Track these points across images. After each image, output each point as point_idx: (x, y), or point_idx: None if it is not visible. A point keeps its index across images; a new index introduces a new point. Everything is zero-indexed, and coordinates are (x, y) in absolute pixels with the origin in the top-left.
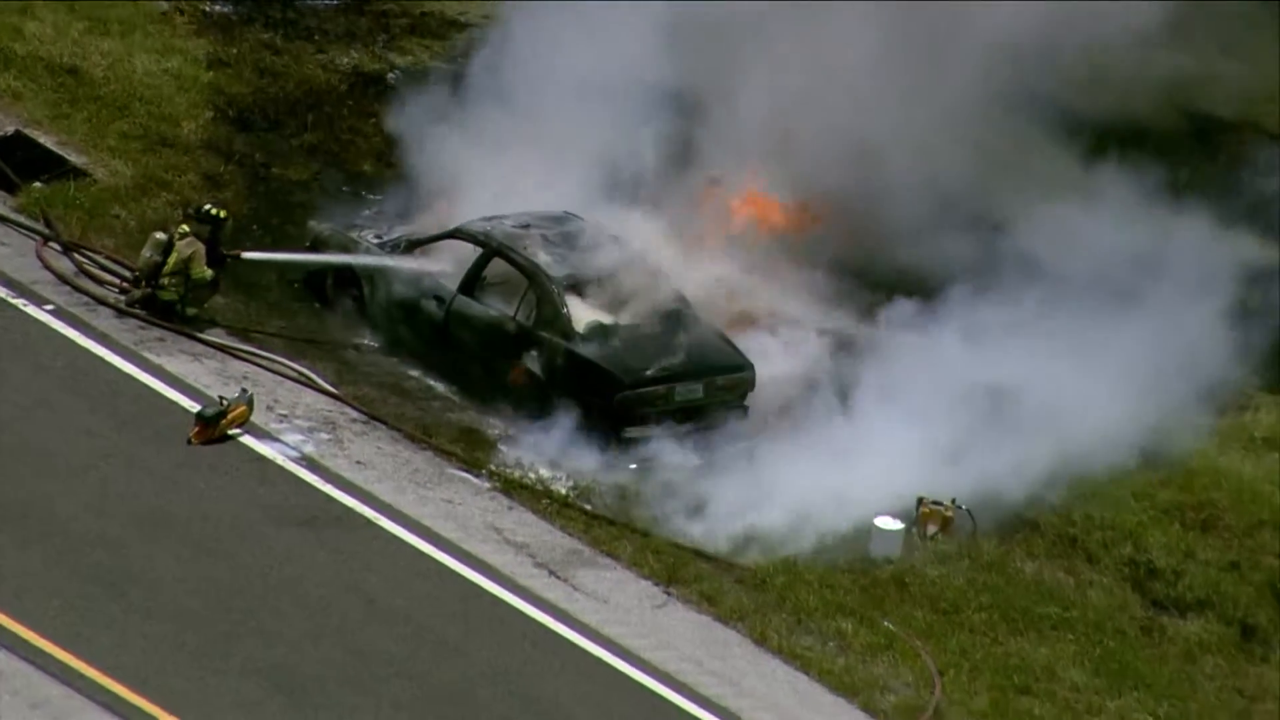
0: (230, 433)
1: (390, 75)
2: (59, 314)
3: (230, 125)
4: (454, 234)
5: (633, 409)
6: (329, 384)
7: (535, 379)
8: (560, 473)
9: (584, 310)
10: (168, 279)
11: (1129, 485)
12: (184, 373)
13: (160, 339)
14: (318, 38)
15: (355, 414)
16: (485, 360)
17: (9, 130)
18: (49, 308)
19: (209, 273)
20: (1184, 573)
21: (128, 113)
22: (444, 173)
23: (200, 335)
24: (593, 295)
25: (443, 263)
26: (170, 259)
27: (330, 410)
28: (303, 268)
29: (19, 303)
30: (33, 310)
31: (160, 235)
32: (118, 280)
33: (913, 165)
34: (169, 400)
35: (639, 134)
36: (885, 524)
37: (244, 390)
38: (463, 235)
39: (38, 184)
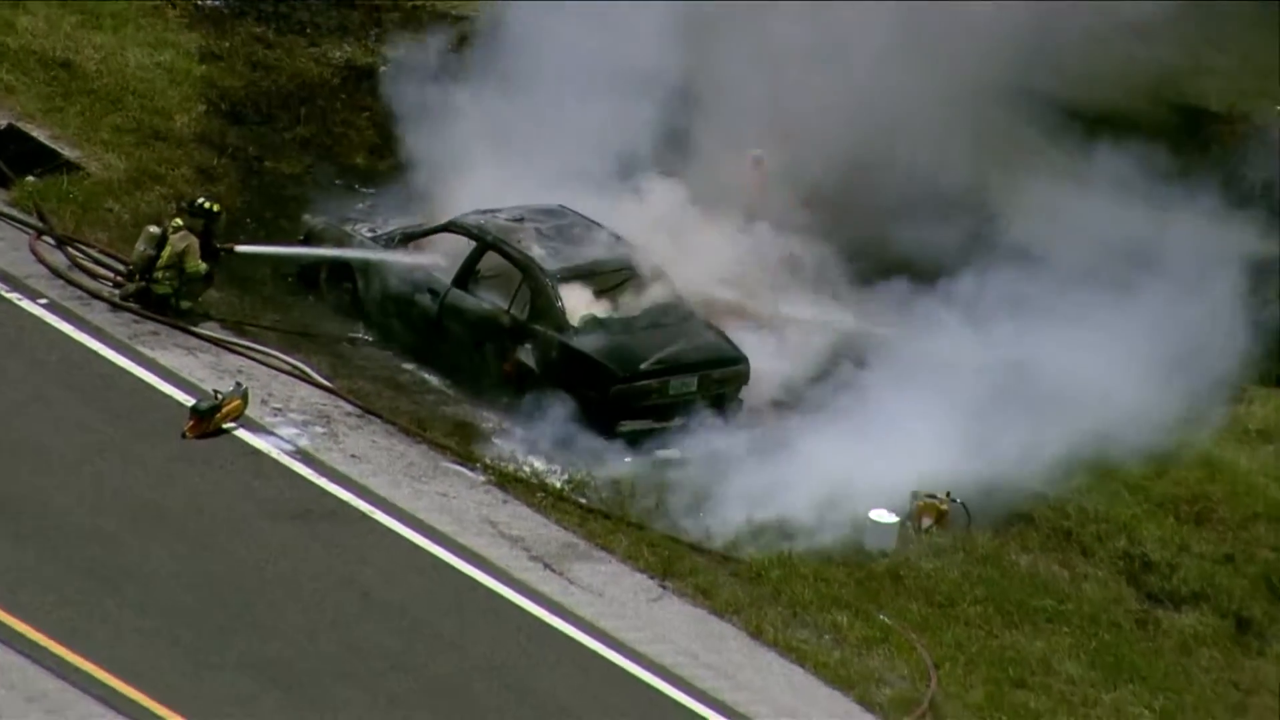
0: (225, 427)
1: (382, 69)
2: (53, 308)
3: (223, 119)
4: (448, 227)
5: (628, 402)
6: (323, 377)
7: (530, 372)
8: (555, 466)
9: (579, 303)
10: (161, 272)
11: (1123, 478)
12: (178, 366)
13: (154, 333)
14: (310, 31)
15: (350, 408)
16: (480, 354)
17: (2, 124)
18: (43, 302)
19: (203, 266)
20: (1179, 566)
21: (120, 106)
22: (439, 166)
23: (194, 329)
24: (587, 289)
25: (437, 256)
26: (164, 252)
27: (325, 404)
28: (297, 261)
29: (13, 297)
30: (27, 304)
31: (154, 229)
32: (111, 274)
33: (906, 153)
34: (163, 394)
35: (638, 120)
36: (880, 517)
37: (238, 384)
38: (457, 229)
39: (31, 178)
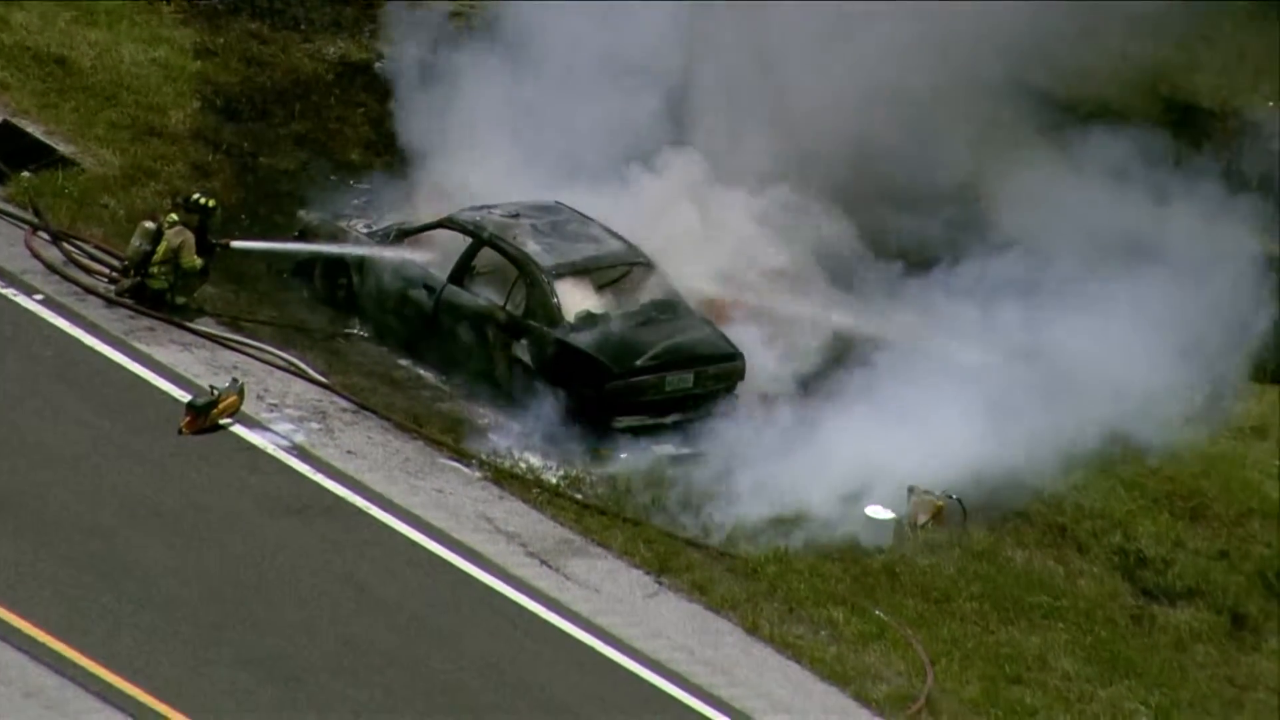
0: (221, 422)
1: (377, 64)
2: (48, 303)
3: (218, 114)
4: (444, 224)
5: (623, 398)
6: (319, 373)
7: (525, 368)
8: (551, 462)
9: (574, 299)
10: (157, 268)
11: (1118, 474)
12: (174, 362)
13: (150, 328)
14: (304, 27)
15: (345, 403)
16: (475, 350)
17: None
18: (38, 297)
19: (198, 262)
20: (1174, 561)
21: (115, 102)
22: (436, 160)
23: (190, 324)
24: (583, 284)
25: (432, 252)
26: (159, 248)
27: (320, 400)
28: (292, 257)
29: (9, 292)
30: (22, 300)
31: (149, 224)
32: (107, 270)
33: (902, 145)
34: (159, 390)
35: (643, 106)
36: (876, 513)
37: (235, 380)
38: (452, 225)
39: (26, 173)
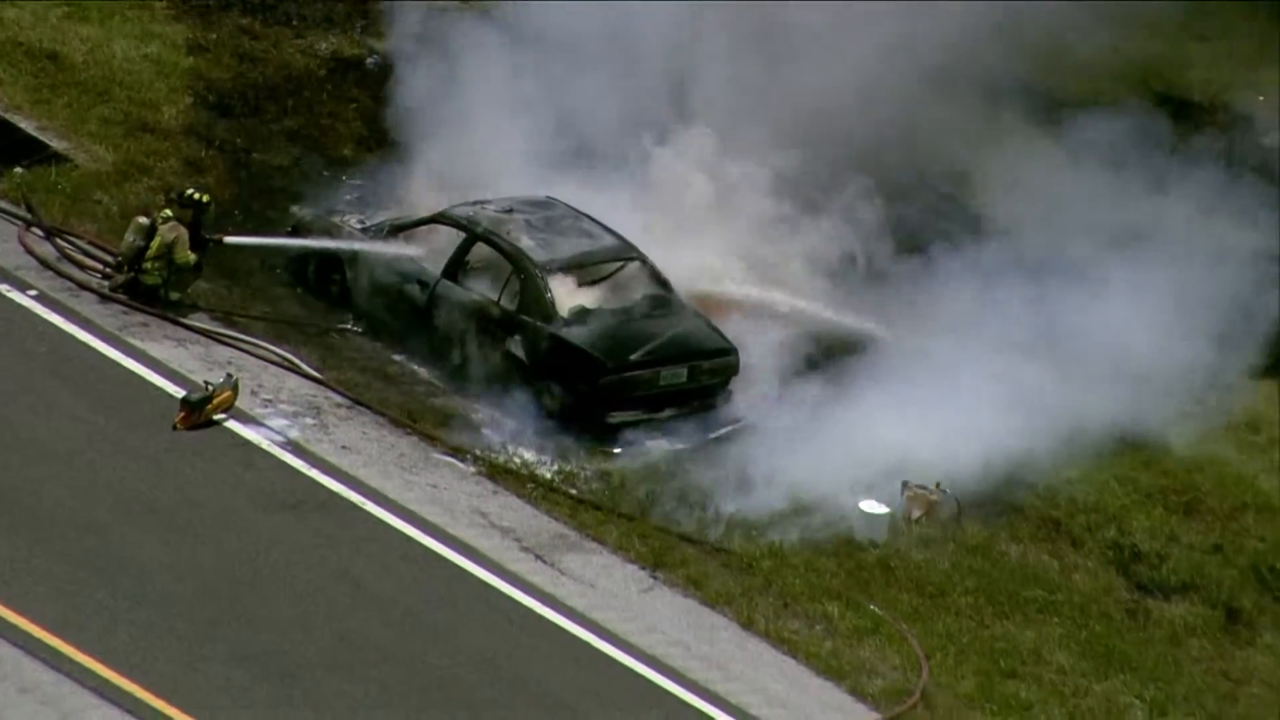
0: (215, 418)
1: (369, 60)
2: (42, 299)
3: (210, 110)
4: (437, 219)
5: (618, 393)
6: (313, 369)
7: (519, 363)
8: (545, 457)
9: (568, 295)
10: (151, 263)
11: (1111, 469)
12: (168, 358)
13: (144, 324)
14: (296, 23)
15: (339, 399)
16: (469, 345)
17: None
18: (32, 293)
19: (192, 257)
20: (1168, 556)
21: (108, 98)
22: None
23: (184, 320)
24: (577, 280)
25: (426, 248)
26: (153, 243)
27: (314, 395)
28: (285, 252)
29: (2, 288)
30: (16, 295)
31: (143, 220)
32: (100, 265)
33: (891, 137)
34: (153, 385)
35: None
36: (870, 508)
37: (229, 375)
38: (446, 220)
39: (19, 169)
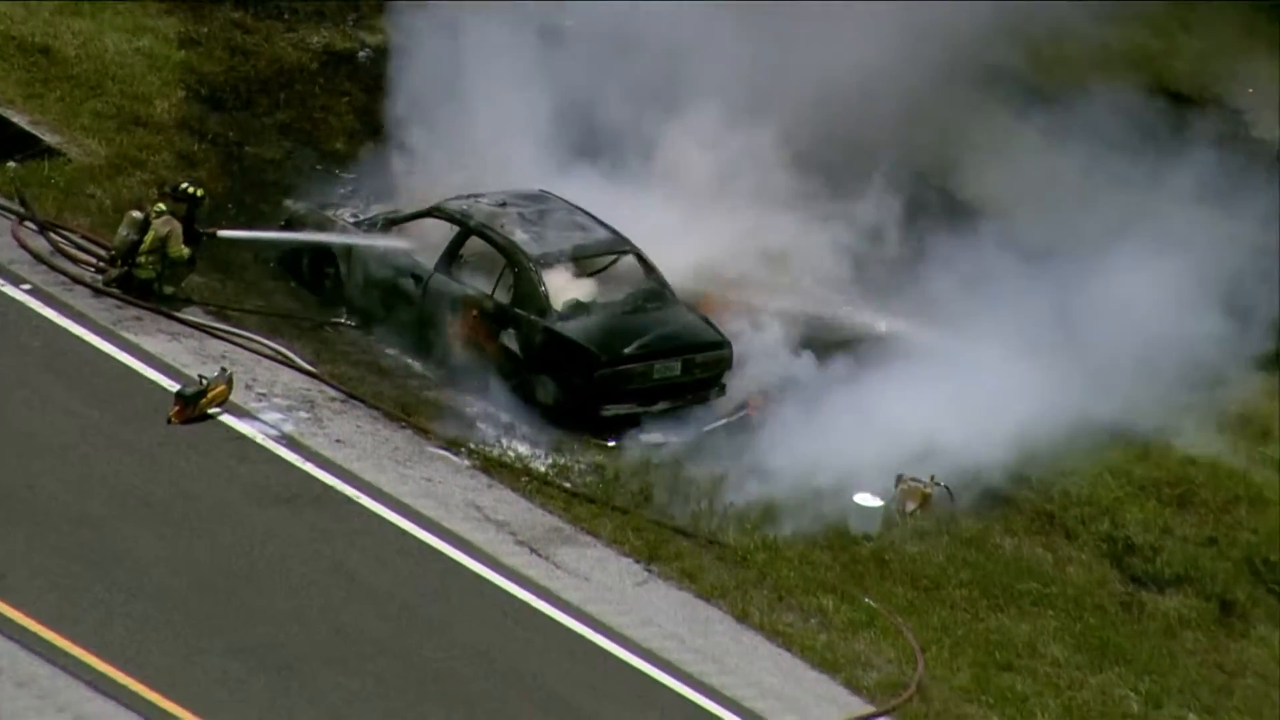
0: (210, 412)
1: (361, 53)
2: (36, 293)
3: (202, 104)
4: (431, 212)
5: (611, 386)
6: (307, 363)
7: (514, 357)
8: (539, 450)
9: (562, 288)
10: (144, 257)
11: (1105, 462)
12: (162, 352)
13: (138, 318)
14: (288, 16)
15: (334, 392)
16: (463, 338)
17: None
18: (26, 287)
19: (186, 251)
20: (1162, 548)
21: (100, 92)
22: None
23: (178, 314)
24: (571, 273)
25: (419, 241)
26: (147, 237)
27: (309, 389)
28: (279, 246)
29: None
30: (10, 290)
31: (136, 214)
32: (94, 259)
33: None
34: (148, 379)
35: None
36: (864, 501)
37: (223, 369)
38: (440, 214)
39: (12, 163)
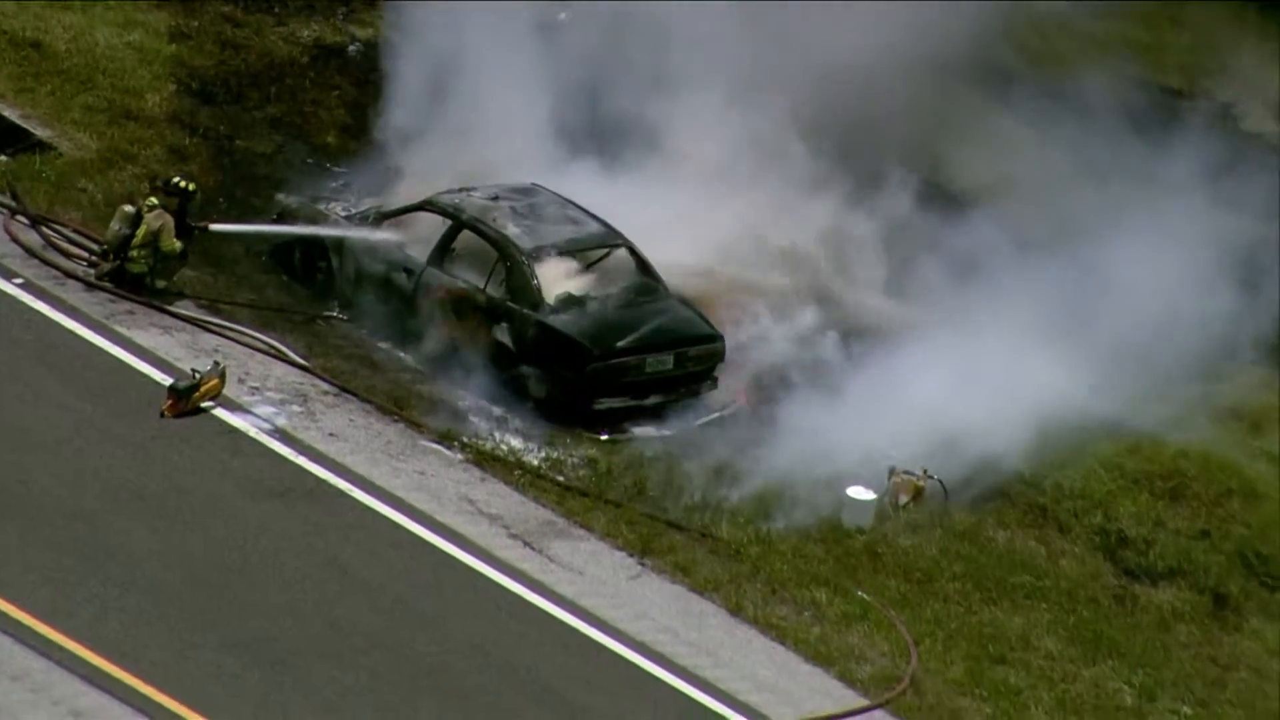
0: (203, 406)
1: (351, 47)
2: (28, 287)
3: (193, 98)
4: (423, 206)
5: (604, 380)
6: (299, 356)
7: (506, 351)
8: (532, 444)
9: (554, 282)
10: (136, 251)
11: (1097, 455)
12: (154, 345)
13: (130, 312)
14: (278, 10)
15: (326, 386)
16: (455, 332)
17: None
18: (18, 281)
19: (178, 245)
20: (1154, 541)
21: (91, 86)
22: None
23: (170, 308)
24: (563, 267)
25: (411, 235)
26: (139, 231)
27: (301, 382)
28: (271, 240)
29: None
30: (2, 284)
31: (128, 208)
32: (86, 253)
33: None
34: (140, 373)
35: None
36: (857, 494)
37: (216, 363)
38: (432, 208)
39: (3, 158)
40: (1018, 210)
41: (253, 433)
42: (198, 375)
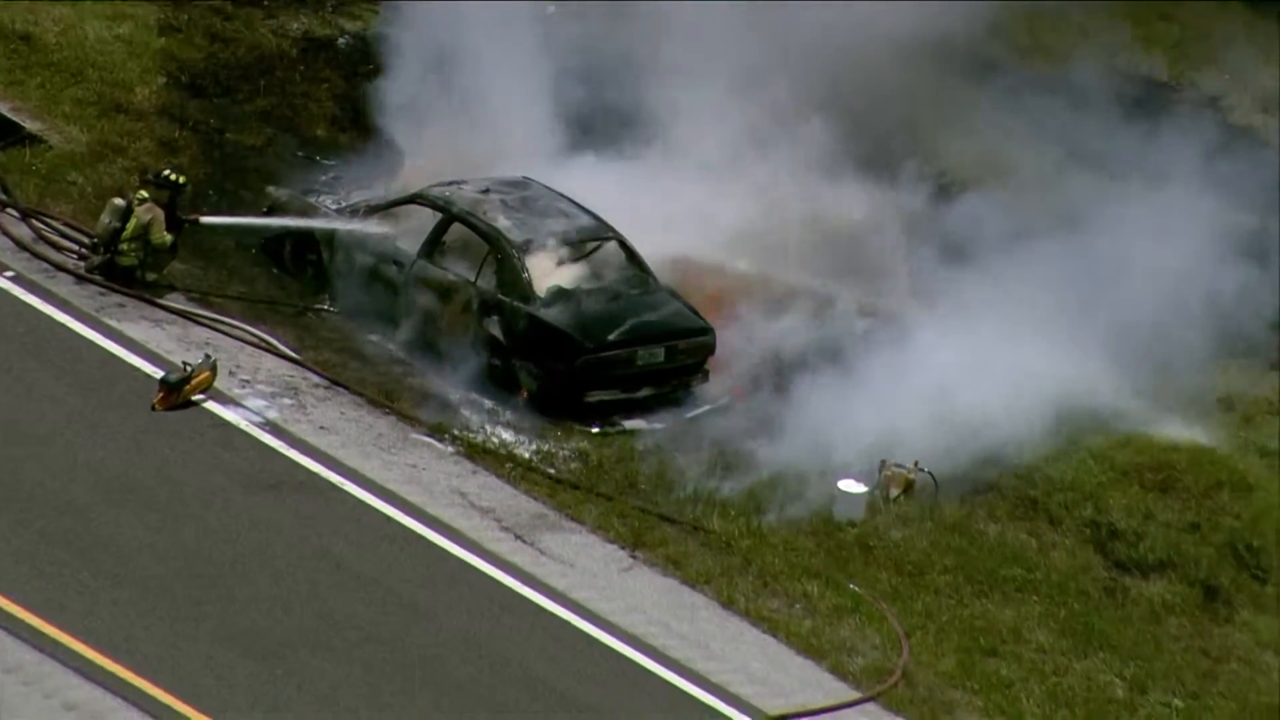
0: (194, 399)
1: (341, 40)
2: (19, 281)
3: (183, 91)
4: (413, 199)
5: (595, 373)
6: (290, 349)
7: (497, 343)
8: (523, 437)
9: (545, 275)
10: (127, 244)
11: (1087, 447)
12: (145, 338)
13: (120, 305)
14: (267, 3)
15: (317, 379)
16: (446, 325)
17: None
18: (9, 274)
19: (168, 238)
20: (1145, 534)
21: (81, 79)
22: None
23: (160, 301)
24: (554, 260)
25: (402, 228)
26: (129, 224)
27: (292, 375)
28: (261, 233)
29: None
30: None
31: (119, 201)
32: (76, 246)
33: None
34: (131, 366)
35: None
36: (848, 487)
37: (207, 356)
38: (422, 200)
39: None
40: (1008, 200)
41: (244, 426)
42: (189, 368)
